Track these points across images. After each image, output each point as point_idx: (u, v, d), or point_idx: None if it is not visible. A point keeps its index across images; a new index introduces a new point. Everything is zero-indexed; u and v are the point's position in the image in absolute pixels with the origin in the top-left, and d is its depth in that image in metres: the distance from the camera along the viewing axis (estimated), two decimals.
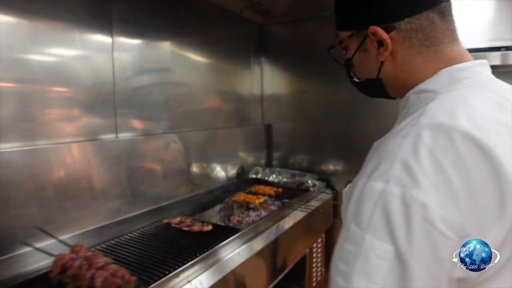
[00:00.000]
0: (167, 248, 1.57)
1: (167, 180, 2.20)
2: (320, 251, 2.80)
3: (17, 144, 1.47)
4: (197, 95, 2.49)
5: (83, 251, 1.18)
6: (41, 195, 1.53)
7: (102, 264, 1.11)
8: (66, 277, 1.12)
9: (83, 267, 1.10)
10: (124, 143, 1.90)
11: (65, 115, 1.66)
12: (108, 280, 1.06)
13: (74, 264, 1.11)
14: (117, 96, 1.86)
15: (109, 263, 1.13)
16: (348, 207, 0.73)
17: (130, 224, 1.87)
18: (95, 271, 1.09)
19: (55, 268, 1.13)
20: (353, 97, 2.78)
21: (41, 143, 1.55)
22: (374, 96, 1.00)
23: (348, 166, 2.89)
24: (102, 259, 1.13)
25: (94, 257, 1.14)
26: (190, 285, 1.36)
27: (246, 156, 3.05)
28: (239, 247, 1.68)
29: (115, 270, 1.10)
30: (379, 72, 0.86)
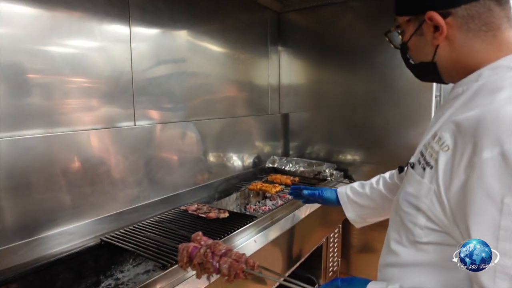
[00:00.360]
0: (184, 234, 1.59)
1: (184, 168, 2.22)
2: (337, 241, 2.79)
3: (38, 131, 1.50)
4: (214, 84, 2.49)
5: (204, 240, 1.21)
6: (62, 181, 1.57)
7: (224, 251, 1.14)
8: (193, 265, 1.15)
9: (207, 255, 1.13)
10: (142, 130, 1.92)
11: (85, 104, 1.68)
12: (233, 266, 1.10)
13: (199, 252, 1.14)
14: (135, 85, 1.88)
15: (230, 249, 1.16)
16: (483, 183, 0.67)
17: (148, 210, 1.90)
18: (219, 258, 1.12)
19: (182, 257, 1.15)
20: (372, 86, 2.75)
21: (61, 130, 1.58)
22: (426, 80, 1.03)
23: (367, 156, 2.85)
24: (223, 246, 1.16)
25: (215, 244, 1.17)
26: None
27: (263, 146, 3.05)
28: (255, 235, 1.69)
29: (237, 256, 1.13)
30: (434, 55, 0.87)
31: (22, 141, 1.43)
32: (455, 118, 0.76)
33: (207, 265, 1.13)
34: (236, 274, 1.09)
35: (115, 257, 1.64)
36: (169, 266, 1.29)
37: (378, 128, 2.74)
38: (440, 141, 0.77)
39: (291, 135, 3.26)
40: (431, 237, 0.81)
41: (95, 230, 1.65)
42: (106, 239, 1.57)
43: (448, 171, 0.74)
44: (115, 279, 1.59)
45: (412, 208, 0.84)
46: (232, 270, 1.09)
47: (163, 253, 1.40)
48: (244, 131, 2.81)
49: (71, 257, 1.49)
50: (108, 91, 1.76)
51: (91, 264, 1.56)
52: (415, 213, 0.83)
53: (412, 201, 0.84)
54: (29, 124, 1.47)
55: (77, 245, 1.55)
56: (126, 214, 1.81)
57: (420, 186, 0.81)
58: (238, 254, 1.13)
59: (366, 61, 2.74)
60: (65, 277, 1.48)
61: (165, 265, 1.30)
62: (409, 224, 0.85)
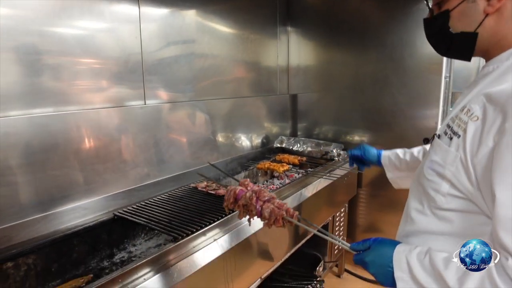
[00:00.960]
0: (195, 209, 1.64)
1: (193, 147, 2.25)
2: (343, 220, 2.83)
3: (51, 109, 1.54)
4: (223, 64, 2.50)
5: (250, 185, 1.27)
6: (75, 158, 1.62)
7: (268, 198, 1.20)
8: (237, 206, 1.23)
9: (252, 198, 1.20)
10: (152, 109, 1.95)
11: (95, 84, 1.71)
12: (274, 212, 1.15)
13: (245, 195, 1.21)
14: (145, 65, 1.90)
15: (274, 197, 1.21)
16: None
17: (158, 187, 1.95)
18: (262, 203, 1.19)
19: (229, 197, 1.24)
20: (381, 66, 2.73)
21: (73, 108, 1.61)
22: (450, 55, 1.02)
23: (375, 137, 2.86)
24: (268, 194, 1.22)
25: (261, 191, 1.23)
26: (216, 243, 1.42)
27: (271, 126, 3.07)
28: None
29: (279, 204, 1.19)
30: (479, 25, 0.86)
31: (37, 118, 1.48)
32: (486, 91, 0.80)
33: (250, 207, 1.20)
34: (276, 219, 1.16)
35: (127, 231, 1.71)
36: (180, 239, 1.34)
37: (386, 109, 2.74)
38: (469, 112, 0.81)
39: (300, 115, 3.27)
40: (453, 204, 0.85)
41: (107, 205, 1.71)
42: (119, 214, 1.62)
43: (476, 139, 0.78)
44: (128, 252, 1.65)
45: (436, 175, 0.88)
46: (273, 215, 1.16)
47: (174, 227, 1.44)
48: (253, 111, 2.83)
49: (86, 230, 1.55)
50: (118, 71, 1.79)
51: (105, 238, 1.62)
52: (439, 180, 0.87)
53: (437, 168, 0.88)
54: (42, 103, 1.51)
55: (91, 219, 1.61)
56: (137, 191, 1.86)
57: (447, 154, 0.85)
58: (280, 203, 1.19)
59: (375, 41, 2.72)
60: (81, 249, 1.54)
61: (176, 237, 1.35)
62: (432, 192, 0.89)
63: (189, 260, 1.31)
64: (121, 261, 1.59)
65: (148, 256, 1.22)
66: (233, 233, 1.52)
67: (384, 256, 0.91)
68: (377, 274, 0.93)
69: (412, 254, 0.87)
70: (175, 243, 1.32)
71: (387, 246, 0.94)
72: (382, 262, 0.91)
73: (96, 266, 1.55)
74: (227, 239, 1.47)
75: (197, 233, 1.39)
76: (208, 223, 1.47)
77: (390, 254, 0.90)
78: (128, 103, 1.85)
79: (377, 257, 0.93)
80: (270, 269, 1.76)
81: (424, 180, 0.93)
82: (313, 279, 2.26)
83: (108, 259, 1.60)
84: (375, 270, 0.93)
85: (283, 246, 1.88)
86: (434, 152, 0.92)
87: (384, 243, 0.95)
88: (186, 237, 1.35)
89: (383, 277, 0.91)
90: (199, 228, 1.42)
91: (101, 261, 1.58)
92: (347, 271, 3.05)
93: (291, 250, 1.95)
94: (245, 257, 1.57)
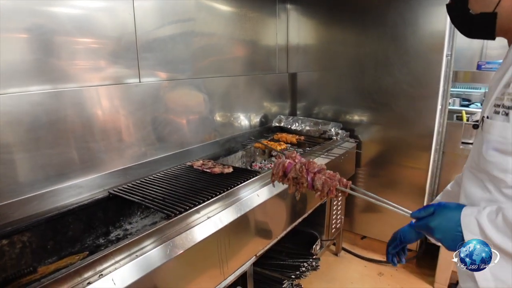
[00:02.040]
0: (189, 187, 1.64)
1: (191, 125, 2.24)
2: (341, 199, 2.84)
3: (45, 87, 1.52)
4: (220, 43, 2.45)
5: (298, 158, 1.23)
6: (70, 136, 1.61)
7: (318, 169, 1.17)
8: (287, 179, 1.20)
9: (302, 171, 1.17)
10: (148, 87, 1.93)
11: (89, 62, 1.68)
12: (327, 182, 1.13)
13: (295, 167, 1.18)
14: (139, 43, 1.86)
15: (324, 168, 1.18)
16: None
17: (155, 166, 1.95)
18: (313, 175, 1.16)
19: (277, 171, 1.20)
20: (383, 45, 2.67)
21: (67, 86, 1.59)
22: (476, 35, 1.02)
23: (374, 117, 2.83)
24: (318, 165, 1.19)
25: (310, 162, 1.20)
26: (210, 221, 1.43)
27: (270, 105, 3.05)
28: (258, 189, 1.72)
29: (330, 174, 1.16)
30: (497, 5, 0.89)
31: (31, 96, 1.46)
32: None
33: (301, 180, 1.17)
34: (330, 190, 1.13)
35: (123, 209, 1.71)
36: (173, 216, 1.34)
37: (387, 88, 2.70)
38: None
39: (299, 95, 3.24)
40: None
41: (103, 184, 1.71)
42: (114, 192, 1.63)
43: None
44: (124, 229, 1.66)
45: (499, 155, 0.87)
46: (326, 186, 1.13)
47: (168, 204, 1.45)
48: (251, 90, 2.80)
49: (81, 208, 1.55)
50: (112, 49, 1.76)
51: (101, 216, 1.63)
52: (504, 158, 0.86)
53: (498, 147, 0.87)
54: (36, 81, 1.49)
55: (86, 197, 1.62)
56: (133, 170, 1.86)
57: (505, 128, 0.84)
58: (331, 173, 1.16)
59: (377, 20, 2.66)
60: (76, 227, 1.55)
61: (169, 215, 1.35)
62: (499, 173, 0.87)
63: (182, 238, 1.32)
64: (117, 239, 1.60)
65: (140, 233, 1.23)
66: (228, 210, 1.52)
67: (451, 220, 0.89)
68: (444, 239, 0.90)
69: (482, 215, 0.84)
70: (168, 221, 1.32)
71: (453, 209, 0.91)
72: (450, 226, 0.88)
73: (92, 244, 1.56)
74: (221, 217, 1.47)
75: (190, 210, 1.39)
76: (202, 201, 1.47)
77: (458, 218, 0.87)
78: (123, 81, 1.82)
79: (443, 221, 0.90)
80: (265, 247, 1.78)
81: (487, 164, 0.90)
82: (309, 257, 2.28)
83: (104, 236, 1.61)
84: (442, 235, 0.90)
85: (279, 224, 1.89)
86: (489, 133, 0.89)
87: (449, 207, 0.93)
88: (179, 215, 1.36)
89: (451, 241, 0.88)
90: (193, 205, 1.42)
91: (97, 238, 1.59)
92: (345, 249, 3.08)
93: (287, 228, 1.96)
94: (240, 234, 1.58)
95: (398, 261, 1.22)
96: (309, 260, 2.23)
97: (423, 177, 2.66)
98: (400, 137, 2.72)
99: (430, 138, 2.56)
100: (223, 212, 1.50)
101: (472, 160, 0.98)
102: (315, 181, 1.15)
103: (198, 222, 1.40)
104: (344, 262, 2.96)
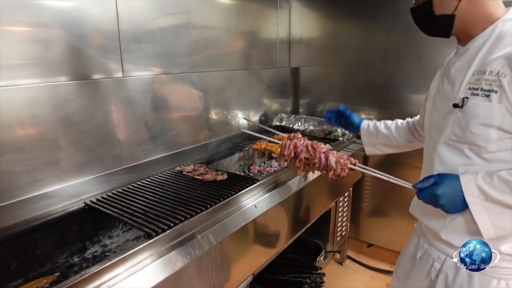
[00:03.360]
0: (176, 198, 1.43)
1: (183, 124, 2.02)
2: (347, 205, 2.63)
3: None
4: (219, 37, 2.23)
5: (302, 139, 1.24)
6: (40, 138, 1.40)
7: (326, 150, 1.19)
8: (299, 160, 1.20)
9: (315, 150, 1.17)
10: (133, 83, 1.72)
11: (63, 55, 1.47)
12: (339, 161, 1.15)
13: (306, 147, 1.19)
14: (122, 35, 1.65)
15: (330, 149, 1.20)
16: None
17: (140, 171, 1.74)
18: (326, 154, 1.17)
19: (289, 152, 1.20)
20: (393, 38, 2.45)
21: (34, 82, 1.38)
22: (434, 34, 1.19)
23: (383, 115, 2.61)
24: (324, 146, 1.21)
25: (317, 143, 1.21)
26: (197, 239, 1.22)
27: (271, 103, 2.83)
28: (256, 199, 1.52)
29: (339, 155, 1.17)
30: (455, 9, 1.07)
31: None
32: (500, 54, 1.00)
33: (313, 160, 1.17)
34: (342, 169, 1.15)
35: (102, 222, 1.50)
36: (154, 235, 1.13)
37: (397, 84, 2.48)
38: (493, 73, 1.00)
39: (302, 91, 3.02)
40: (504, 144, 1.02)
41: (79, 192, 1.50)
42: (90, 203, 1.42)
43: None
44: (102, 245, 1.46)
45: (483, 128, 1.03)
46: (339, 165, 1.15)
47: (149, 220, 1.24)
48: (250, 85, 2.58)
49: (53, 222, 1.35)
50: (90, 42, 1.54)
51: (75, 230, 1.42)
52: (487, 130, 1.03)
53: (484, 121, 1.03)
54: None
55: (59, 209, 1.41)
56: (116, 175, 1.66)
57: (490, 107, 1.01)
58: (339, 154, 1.19)
59: (388, 9, 2.44)
60: (47, 243, 1.35)
61: (149, 234, 1.14)
62: (482, 142, 1.04)
63: (165, 261, 1.11)
64: (93, 257, 1.39)
65: (114, 257, 1.02)
66: (220, 226, 1.31)
67: (453, 186, 1.04)
68: (448, 203, 1.05)
69: (478, 179, 1.02)
70: (149, 241, 1.11)
71: (453, 178, 1.06)
72: (453, 192, 1.04)
73: (65, 263, 1.36)
74: (212, 234, 1.26)
75: (174, 228, 1.19)
76: (189, 215, 1.26)
77: (458, 185, 1.04)
78: (103, 76, 1.61)
79: (447, 188, 1.05)
80: (264, 264, 1.57)
81: (472, 136, 1.05)
82: (312, 272, 2.08)
83: (79, 253, 1.40)
84: (446, 200, 1.05)
85: (279, 238, 1.68)
86: (474, 111, 1.04)
87: (449, 176, 1.07)
88: (162, 233, 1.15)
89: (454, 205, 1.05)
90: (178, 222, 1.21)
91: (70, 256, 1.38)
92: (350, 258, 2.88)
93: (289, 241, 1.76)
94: (234, 253, 1.37)
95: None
96: (313, 276, 2.02)
97: None
98: None
99: None
100: (214, 228, 1.29)
101: (451, 133, 1.11)
102: (329, 160, 1.15)
103: (184, 241, 1.19)
104: (350, 273, 2.75)
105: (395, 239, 2.74)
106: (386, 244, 2.81)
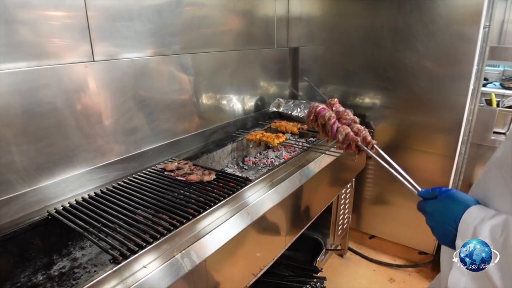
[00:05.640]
0: (154, 205, 1.24)
1: (169, 113, 1.80)
2: (349, 196, 2.45)
3: None
4: (212, 14, 1.98)
5: (336, 106, 1.28)
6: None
7: (349, 122, 1.21)
8: (317, 125, 1.25)
9: (331, 119, 1.19)
10: (104, 67, 1.49)
11: (21, 37, 1.25)
12: (349, 136, 1.15)
13: (325, 114, 1.22)
14: (90, 14, 1.42)
15: (356, 121, 1.21)
16: None
17: (116, 170, 1.54)
18: (340, 125, 1.19)
19: (310, 114, 1.26)
20: (403, 14, 2.19)
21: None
22: None
23: (389, 99, 2.39)
24: (351, 117, 1.22)
25: (344, 113, 1.24)
26: (180, 256, 1.03)
27: (268, 85, 2.60)
28: (250, 203, 1.32)
29: (359, 129, 1.18)
30: None
31: None
32: None
33: (327, 128, 1.21)
34: (349, 145, 1.16)
35: (72, 231, 1.31)
36: (121, 260, 0.94)
37: (406, 66, 2.25)
38: None
39: (301, 73, 2.77)
40: None
41: (42, 199, 1.31)
42: (54, 213, 1.23)
43: None
44: (72, 259, 1.27)
45: None
46: (347, 140, 1.16)
47: (117, 238, 1.05)
48: (245, 66, 2.34)
49: (13, 234, 1.17)
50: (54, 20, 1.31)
51: (39, 243, 1.24)
52: None
53: None
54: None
55: (17, 220, 1.22)
56: (88, 175, 1.45)
57: None
58: (359, 128, 1.19)
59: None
60: (4, 259, 1.17)
61: (116, 258, 0.95)
62: None
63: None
64: (60, 274, 1.21)
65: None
66: (203, 241, 1.12)
67: (449, 212, 0.79)
68: (435, 228, 0.82)
69: (485, 226, 0.72)
70: (116, 266, 0.93)
71: (457, 202, 0.80)
72: (445, 219, 0.79)
73: (27, 282, 1.17)
74: (194, 252, 1.08)
75: (147, 248, 1.00)
76: (166, 231, 1.07)
77: (458, 214, 0.77)
78: (69, 60, 1.38)
79: (440, 211, 0.81)
80: (257, 275, 1.40)
81: None
82: (312, 275, 1.91)
83: (45, 270, 1.22)
84: (433, 224, 0.83)
85: (275, 244, 1.51)
86: None
87: (454, 198, 0.81)
88: (131, 257, 0.96)
89: (442, 235, 0.80)
90: (151, 240, 1.02)
91: (34, 274, 1.20)
92: (351, 249, 2.73)
93: (286, 245, 1.58)
94: (219, 273, 1.19)
95: None
96: (313, 281, 1.85)
97: (446, 171, 2.26)
98: (421, 124, 2.29)
99: (458, 127, 2.14)
100: (195, 244, 1.10)
101: (507, 161, 0.77)
102: (338, 133, 1.17)
103: (157, 264, 1.00)
104: (351, 266, 2.61)
105: (398, 231, 2.58)
106: (389, 236, 2.65)
